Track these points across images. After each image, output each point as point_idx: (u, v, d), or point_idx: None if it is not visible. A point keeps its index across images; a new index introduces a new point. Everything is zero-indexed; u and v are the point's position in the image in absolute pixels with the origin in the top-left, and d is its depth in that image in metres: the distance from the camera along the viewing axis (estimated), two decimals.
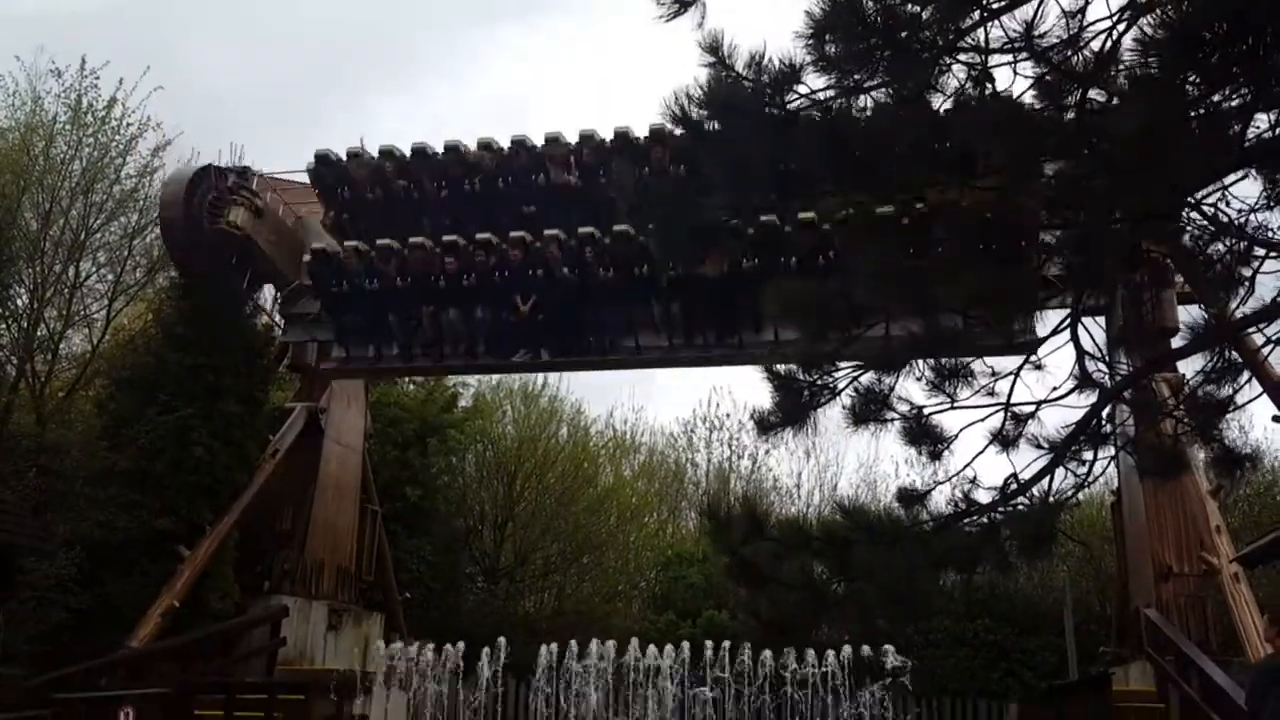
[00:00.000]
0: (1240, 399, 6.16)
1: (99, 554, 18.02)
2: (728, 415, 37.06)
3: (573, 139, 18.52)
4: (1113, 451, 7.06)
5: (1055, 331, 6.37)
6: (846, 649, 14.05)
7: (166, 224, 18.28)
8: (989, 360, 6.57)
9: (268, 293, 20.92)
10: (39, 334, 20.51)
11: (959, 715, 23.13)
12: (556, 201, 18.12)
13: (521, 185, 18.56)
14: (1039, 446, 7.39)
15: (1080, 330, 6.41)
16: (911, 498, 7.33)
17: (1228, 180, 5.32)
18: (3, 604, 14.31)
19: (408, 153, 19.09)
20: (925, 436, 7.79)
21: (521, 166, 18.66)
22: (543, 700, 15.38)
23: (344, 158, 19.23)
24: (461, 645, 15.90)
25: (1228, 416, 6.54)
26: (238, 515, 18.79)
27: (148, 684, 14.66)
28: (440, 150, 18.99)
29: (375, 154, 19.10)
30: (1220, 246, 5.40)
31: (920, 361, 6.59)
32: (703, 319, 16.75)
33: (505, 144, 18.66)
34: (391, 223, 18.33)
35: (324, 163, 19.35)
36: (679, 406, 69.52)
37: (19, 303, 20.56)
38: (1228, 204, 5.47)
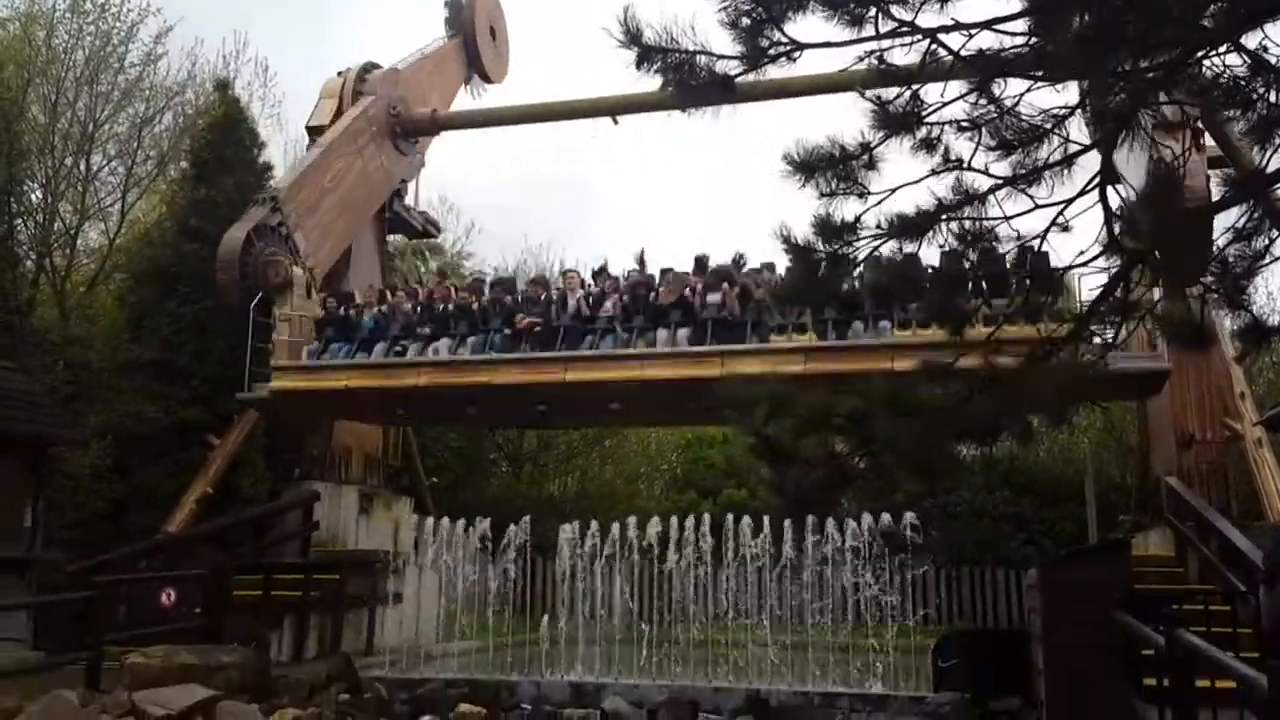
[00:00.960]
0: (1271, 258, 6.04)
1: (130, 444, 18.38)
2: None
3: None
4: (1138, 318, 6.99)
5: (1083, 192, 6.26)
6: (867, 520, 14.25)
7: (222, 284, 18.05)
8: (1015, 223, 6.49)
9: (279, 181, 20.69)
10: (55, 228, 20.52)
11: (978, 583, 23.58)
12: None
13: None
14: (1063, 319, 7.34)
15: (1109, 191, 6.29)
16: (935, 370, 7.31)
17: (1266, 27, 5.13)
18: (40, 493, 14.62)
19: None
20: (948, 309, 7.73)
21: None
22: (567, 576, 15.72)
23: None
24: (488, 520, 16.22)
25: (1256, 280, 6.44)
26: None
27: (186, 567, 15.04)
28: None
29: None
30: (1259, 90, 5.22)
31: (944, 226, 6.50)
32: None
33: None
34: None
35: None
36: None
37: (33, 198, 20.53)
38: (1265, 51, 5.29)
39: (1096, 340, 6.79)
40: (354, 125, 21.07)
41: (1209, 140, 14.06)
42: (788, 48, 6.07)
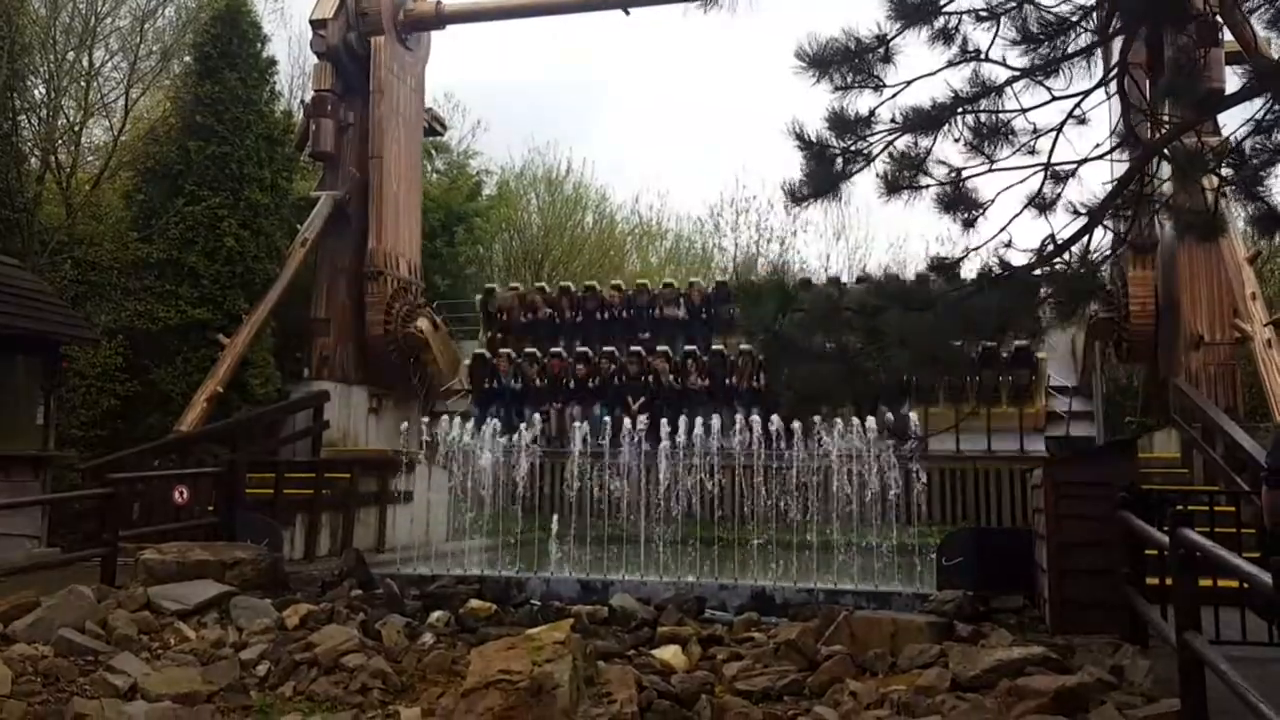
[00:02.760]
0: None
1: (140, 343, 18.45)
2: (754, 197, 36.85)
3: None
4: (1153, 210, 6.88)
5: (1101, 83, 6.10)
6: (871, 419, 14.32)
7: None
8: (1031, 116, 6.33)
9: (283, 77, 20.45)
10: (59, 125, 20.29)
11: (981, 483, 23.71)
12: (667, 330, 22.17)
13: (639, 317, 22.57)
14: (1077, 212, 7.21)
15: (1127, 83, 6.14)
16: (945, 266, 7.22)
17: None
18: (52, 391, 14.70)
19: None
20: (961, 203, 7.60)
21: (641, 304, 22.69)
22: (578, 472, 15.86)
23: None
24: (497, 421, 16.32)
25: (1275, 169, 6.30)
26: (272, 304, 19.02)
27: (198, 465, 15.18)
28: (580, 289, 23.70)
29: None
30: None
31: (959, 120, 6.35)
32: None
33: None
34: (535, 341, 22.06)
35: (489, 294, 24.00)
36: (705, 190, 68.43)
37: (36, 94, 20.25)
38: None
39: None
40: (392, 102, 21.26)
41: (1227, 36, 13.73)
42: None
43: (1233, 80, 11.53)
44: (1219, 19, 10.43)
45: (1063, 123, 6.26)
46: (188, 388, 17.98)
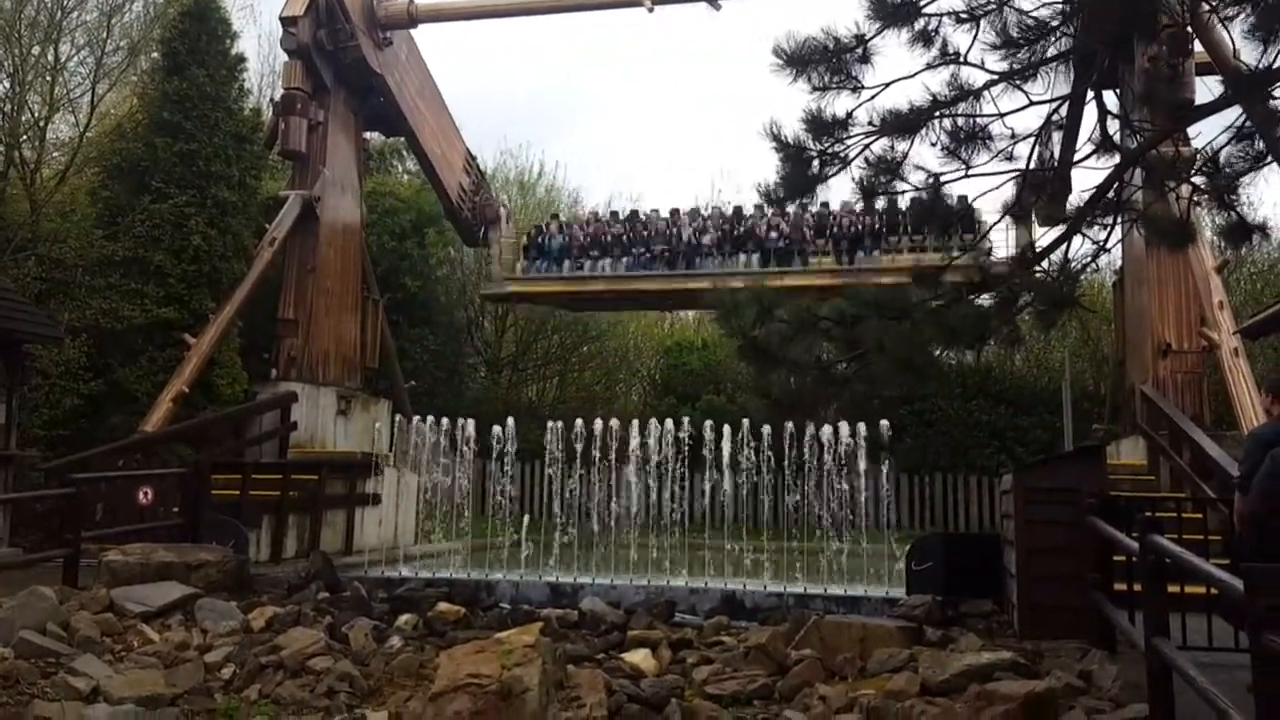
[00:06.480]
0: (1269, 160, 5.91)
1: (105, 342, 18.20)
2: (729, 202, 36.91)
3: None
4: (1130, 219, 6.89)
5: (1076, 91, 6.10)
6: (844, 426, 14.33)
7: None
8: (1009, 121, 6.32)
9: (252, 74, 20.26)
10: (24, 120, 20.00)
11: (951, 489, 23.91)
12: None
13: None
14: (1053, 221, 7.23)
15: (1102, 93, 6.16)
16: (924, 275, 7.22)
17: None
18: (14, 390, 14.45)
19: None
20: (937, 209, 7.61)
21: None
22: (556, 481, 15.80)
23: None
24: (472, 421, 16.17)
25: (1244, 180, 6.34)
26: (239, 303, 18.80)
27: (163, 465, 14.98)
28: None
29: None
30: None
31: (937, 124, 6.34)
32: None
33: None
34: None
35: (554, 218, 27.59)
36: (680, 192, 68.46)
37: (0, 89, 19.98)
38: None
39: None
40: (417, 120, 23.31)
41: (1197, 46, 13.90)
42: None
43: (1201, 90, 11.69)
44: (1189, 29, 10.57)
45: (1042, 128, 6.27)
46: (153, 387, 17.74)
